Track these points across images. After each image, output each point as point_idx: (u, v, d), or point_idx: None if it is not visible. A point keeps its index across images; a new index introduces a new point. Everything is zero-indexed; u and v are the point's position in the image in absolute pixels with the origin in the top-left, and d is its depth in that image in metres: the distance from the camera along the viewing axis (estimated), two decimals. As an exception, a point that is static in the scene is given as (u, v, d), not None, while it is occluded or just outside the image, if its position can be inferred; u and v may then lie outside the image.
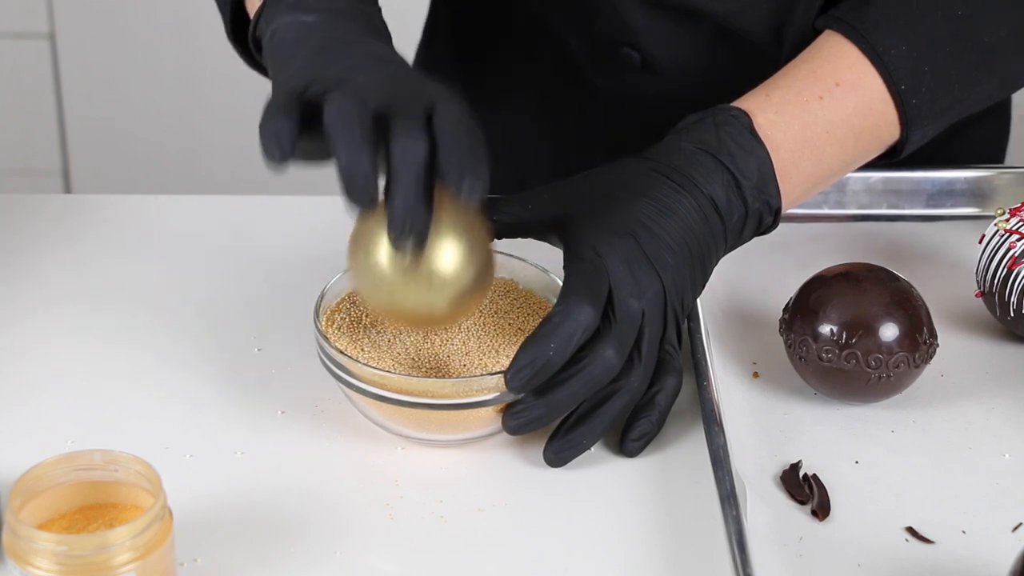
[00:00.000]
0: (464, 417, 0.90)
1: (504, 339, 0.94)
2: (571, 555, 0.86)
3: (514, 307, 0.97)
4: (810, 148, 0.99)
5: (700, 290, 0.95)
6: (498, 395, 0.89)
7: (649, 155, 0.97)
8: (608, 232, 0.92)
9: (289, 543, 0.86)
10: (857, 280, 0.94)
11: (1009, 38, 1.02)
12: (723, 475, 0.86)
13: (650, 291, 0.90)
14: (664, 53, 1.14)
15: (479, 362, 0.93)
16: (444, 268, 0.86)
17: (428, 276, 0.86)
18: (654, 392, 0.92)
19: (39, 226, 1.12)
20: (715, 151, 0.96)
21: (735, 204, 0.95)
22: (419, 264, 0.86)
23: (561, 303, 0.89)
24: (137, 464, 0.81)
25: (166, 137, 2.38)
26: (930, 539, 0.87)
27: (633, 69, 1.15)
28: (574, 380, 0.89)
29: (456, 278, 0.87)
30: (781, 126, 0.98)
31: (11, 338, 1.01)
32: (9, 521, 0.78)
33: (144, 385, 0.97)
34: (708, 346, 0.96)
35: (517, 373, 0.87)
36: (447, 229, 0.86)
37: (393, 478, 0.90)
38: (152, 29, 2.34)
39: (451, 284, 0.87)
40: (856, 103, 1.00)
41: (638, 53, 1.14)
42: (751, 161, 0.96)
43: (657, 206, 0.93)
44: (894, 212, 1.14)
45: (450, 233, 0.86)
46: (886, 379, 0.93)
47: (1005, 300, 1.00)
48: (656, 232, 0.92)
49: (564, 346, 0.88)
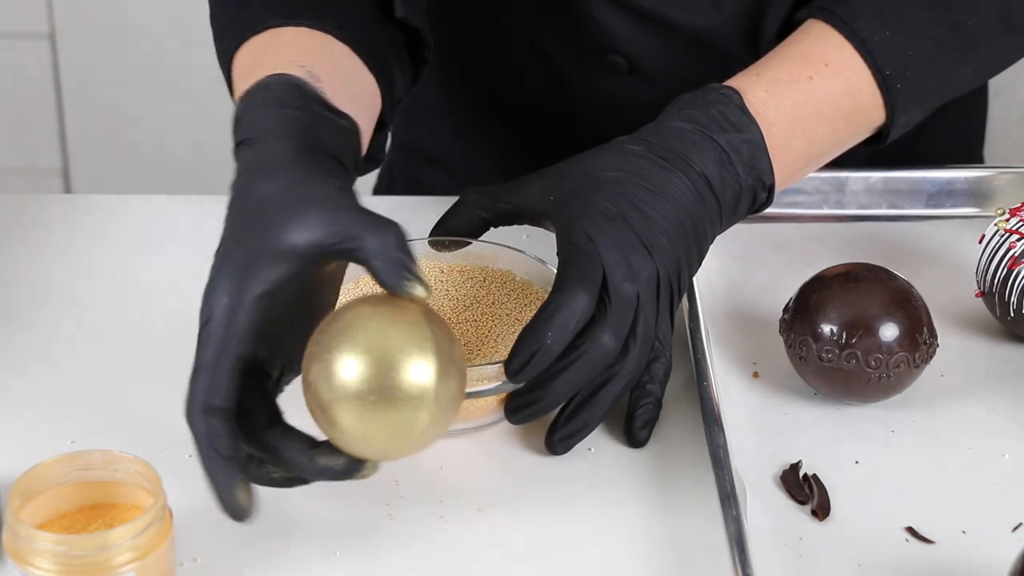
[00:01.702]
0: (463, 407, 0.90)
1: (503, 330, 0.95)
2: (571, 555, 0.86)
3: (512, 298, 0.98)
4: (801, 127, 0.99)
5: (696, 268, 0.95)
6: (497, 385, 0.89)
7: (640, 135, 0.97)
8: (600, 216, 0.92)
9: (289, 543, 0.86)
10: (857, 280, 0.94)
11: (991, 20, 1.03)
12: (723, 475, 0.86)
13: (644, 274, 0.90)
14: (646, 58, 1.14)
15: (479, 352, 0.93)
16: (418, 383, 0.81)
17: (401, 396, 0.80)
18: (644, 381, 0.93)
19: (39, 226, 1.12)
20: (706, 128, 0.96)
21: (728, 181, 0.95)
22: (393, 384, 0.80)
23: (556, 291, 0.89)
24: (137, 464, 0.81)
25: (166, 137, 2.38)
26: (930, 539, 0.87)
27: (620, 75, 1.15)
28: (572, 367, 0.89)
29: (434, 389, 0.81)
30: (772, 104, 0.98)
31: (11, 338, 1.01)
32: (9, 521, 0.78)
33: (144, 385, 0.97)
34: (708, 346, 0.96)
35: (516, 363, 0.88)
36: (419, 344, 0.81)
37: (393, 478, 0.90)
38: (152, 29, 2.33)
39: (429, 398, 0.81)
40: (845, 84, 1.00)
41: (624, 59, 1.14)
42: (743, 137, 0.96)
43: (649, 187, 0.93)
44: (894, 212, 1.14)
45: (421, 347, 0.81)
46: (886, 379, 0.93)
47: (1005, 300, 1.00)
48: (648, 214, 0.92)
49: (561, 334, 0.88)
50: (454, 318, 0.96)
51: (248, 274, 0.81)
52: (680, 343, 0.99)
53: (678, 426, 0.95)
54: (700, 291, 1.00)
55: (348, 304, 0.82)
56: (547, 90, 1.19)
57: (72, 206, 1.16)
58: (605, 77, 1.16)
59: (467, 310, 0.96)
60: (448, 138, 1.27)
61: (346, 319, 0.81)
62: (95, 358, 0.99)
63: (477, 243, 0.99)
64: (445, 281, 0.98)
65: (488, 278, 0.99)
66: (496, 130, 1.24)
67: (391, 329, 0.80)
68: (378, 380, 0.79)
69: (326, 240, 0.81)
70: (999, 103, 2.38)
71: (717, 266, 1.07)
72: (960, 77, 1.04)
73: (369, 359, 0.79)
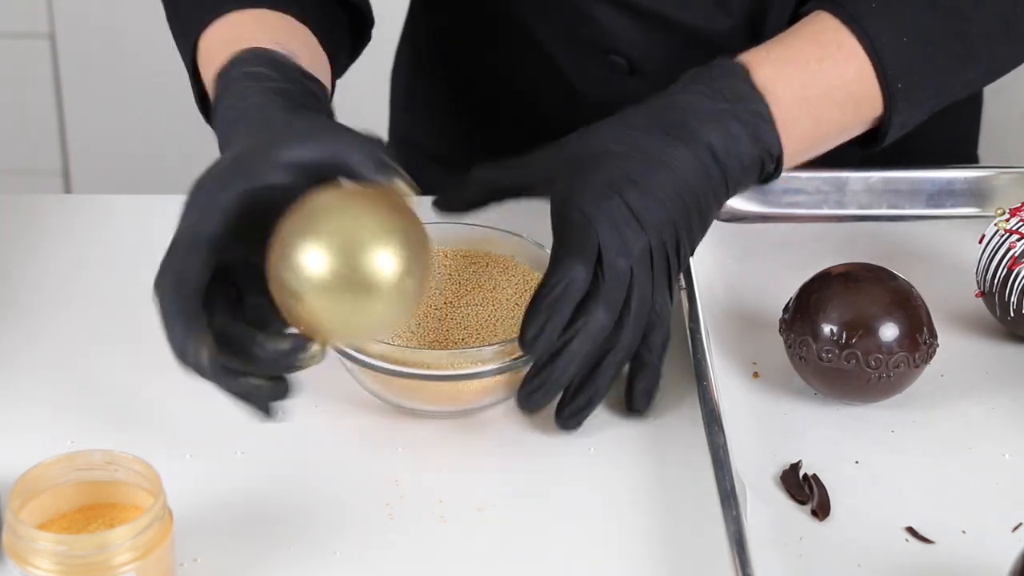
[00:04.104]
0: (460, 388, 0.92)
1: (503, 313, 0.96)
2: (571, 555, 0.86)
3: (512, 283, 0.99)
4: (808, 107, 0.99)
5: (699, 238, 0.96)
6: (497, 366, 0.91)
7: (646, 107, 0.98)
8: (594, 191, 0.92)
9: (289, 543, 0.86)
10: (857, 280, 0.94)
11: (995, 29, 1.03)
12: (723, 475, 0.86)
13: (637, 249, 0.91)
14: (646, 59, 1.14)
15: (479, 335, 0.95)
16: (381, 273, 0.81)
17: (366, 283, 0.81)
18: (641, 351, 0.94)
19: (39, 226, 1.12)
20: (712, 99, 0.96)
21: (733, 151, 0.96)
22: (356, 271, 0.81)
23: (553, 265, 0.90)
24: (137, 464, 0.81)
25: (166, 137, 2.38)
26: (930, 539, 0.87)
27: (621, 75, 1.15)
28: (574, 340, 0.91)
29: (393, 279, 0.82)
30: (781, 82, 0.98)
31: (11, 338, 1.01)
32: (9, 521, 0.78)
33: (144, 385, 0.97)
34: (708, 346, 0.96)
35: (531, 330, 0.89)
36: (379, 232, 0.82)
37: (393, 478, 0.90)
38: (152, 29, 2.33)
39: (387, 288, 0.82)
40: (857, 69, 1.00)
41: (625, 59, 1.14)
42: (750, 108, 0.96)
43: (649, 160, 0.94)
44: (894, 212, 1.14)
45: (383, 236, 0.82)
46: (886, 379, 0.93)
47: (1005, 300, 1.00)
48: (646, 188, 0.93)
49: (564, 305, 0.90)
50: (456, 302, 0.97)
51: (238, 172, 0.85)
52: (680, 343, 0.99)
53: (678, 426, 0.95)
54: (700, 291, 1.00)
55: (317, 191, 0.83)
56: (548, 90, 1.19)
57: (72, 206, 1.16)
58: (606, 77, 1.16)
59: (468, 294, 0.97)
60: (449, 137, 1.28)
61: (315, 204, 0.82)
62: (95, 358, 0.99)
63: (479, 228, 1.01)
64: (448, 265, 0.99)
65: (490, 263, 1.00)
66: (496, 130, 1.24)
67: (358, 216, 0.81)
68: (341, 265, 0.80)
69: (317, 157, 0.84)
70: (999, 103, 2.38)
71: (717, 266, 1.07)
72: (960, 84, 1.04)
73: (333, 245, 0.80)
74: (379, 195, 0.83)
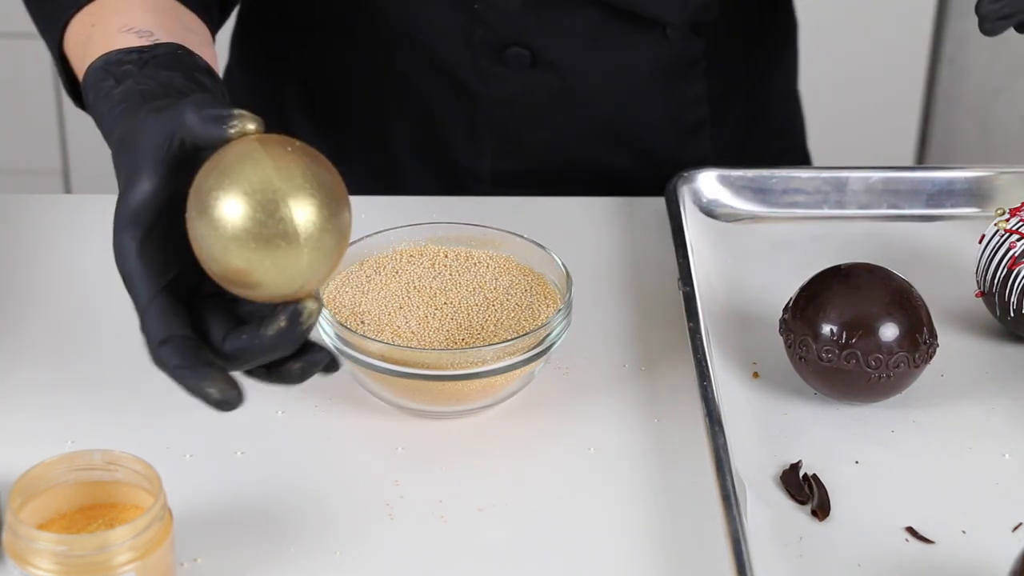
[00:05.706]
0: (460, 388, 0.92)
1: (505, 314, 0.96)
2: (571, 555, 0.86)
3: (513, 283, 0.98)
4: None
5: None
6: (497, 366, 0.91)
7: None
8: None
9: (289, 543, 0.86)
10: (857, 280, 0.94)
11: None
12: (723, 475, 0.87)
13: None
14: (554, 46, 1.13)
15: (482, 336, 0.95)
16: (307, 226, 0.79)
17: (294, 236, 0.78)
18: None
19: (39, 226, 1.12)
20: None
21: None
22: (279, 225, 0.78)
23: None
24: (137, 464, 0.81)
25: (166, 137, 2.38)
26: (930, 539, 0.87)
27: (523, 69, 1.13)
28: None
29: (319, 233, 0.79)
30: None
31: (11, 338, 1.01)
32: (9, 521, 0.78)
33: (144, 385, 0.97)
34: (708, 346, 0.96)
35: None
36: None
37: (393, 478, 0.90)
38: (152, 29, 2.33)
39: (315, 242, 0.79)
40: None
41: (528, 51, 1.13)
42: None
43: None
44: (894, 212, 1.14)
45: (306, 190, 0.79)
46: (886, 379, 0.93)
47: (1005, 300, 1.00)
48: None
49: None
50: (456, 302, 0.97)
51: (124, 223, 0.80)
52: (680, 343, 0.99)
53: (678, 426, 0.95)
54: (700, 291, 1.00)
55: (232, 144, 0.79)
56: (439, 95, 1.17)
57: (72, 206, 1.16)
58: (505, 75, 1.14)
59: (468, 294, 0.97)
60: (351, 145, 1.23)
61: (226, 156, 0.79)
62: (95, 358, 0.99)
63: (479, 228, 1.01)
64: (448, 265, 0.99)
65: (490, 263, 1.00)
66: (394, 137, 1.21)
67: (267, 165, 0.78)
68: (256, 220, 0.77)
69: (166, 151, 0.80)
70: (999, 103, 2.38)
71: (717, 266, 1.07)
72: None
73: (248, 199, 0.78)
74: (298, 147, 0.80)
